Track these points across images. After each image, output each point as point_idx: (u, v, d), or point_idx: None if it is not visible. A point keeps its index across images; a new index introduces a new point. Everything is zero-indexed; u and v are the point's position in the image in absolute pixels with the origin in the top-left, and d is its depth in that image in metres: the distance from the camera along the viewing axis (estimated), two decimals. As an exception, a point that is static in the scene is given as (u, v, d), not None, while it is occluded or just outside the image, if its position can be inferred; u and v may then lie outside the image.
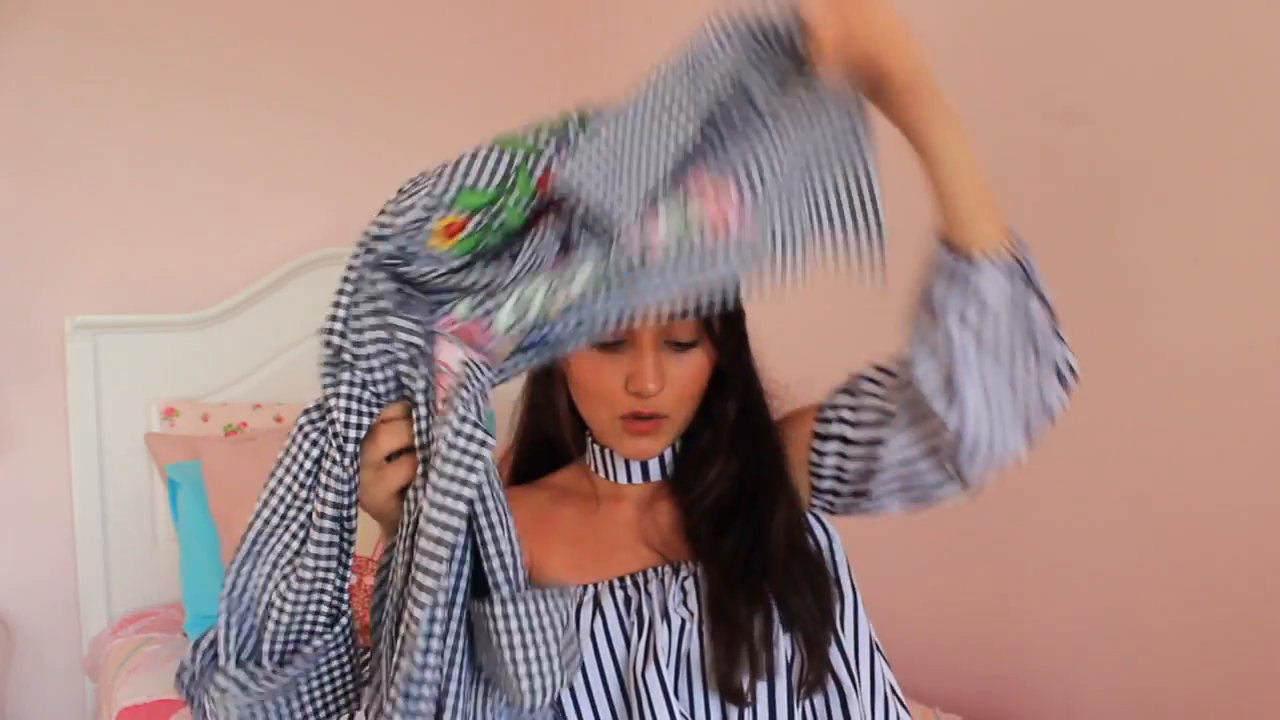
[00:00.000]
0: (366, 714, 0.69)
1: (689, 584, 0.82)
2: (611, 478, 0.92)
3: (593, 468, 0.93)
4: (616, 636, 0.81)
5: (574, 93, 2.45)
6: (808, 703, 0.78)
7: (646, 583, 0.84)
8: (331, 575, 0.67)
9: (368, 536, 1.50)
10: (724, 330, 0.84)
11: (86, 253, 1.80)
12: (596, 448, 0.92)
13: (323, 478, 0.66)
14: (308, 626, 0.67)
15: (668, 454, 0.91)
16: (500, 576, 0.63)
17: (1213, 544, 1.06)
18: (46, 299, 1.76)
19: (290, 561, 0.66)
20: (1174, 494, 1.09)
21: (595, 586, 0.84)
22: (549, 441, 0.95)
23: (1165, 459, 1.10)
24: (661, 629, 0.79)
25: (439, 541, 0.59)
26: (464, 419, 0.60)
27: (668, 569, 0.85)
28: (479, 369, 0.64)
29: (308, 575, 0.65)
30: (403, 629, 0.61)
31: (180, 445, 1.70)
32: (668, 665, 0.78)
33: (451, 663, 0.62)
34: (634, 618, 0.81)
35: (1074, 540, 1.20)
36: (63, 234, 1.78)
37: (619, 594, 0.83)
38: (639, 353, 0.81)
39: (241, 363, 1.86)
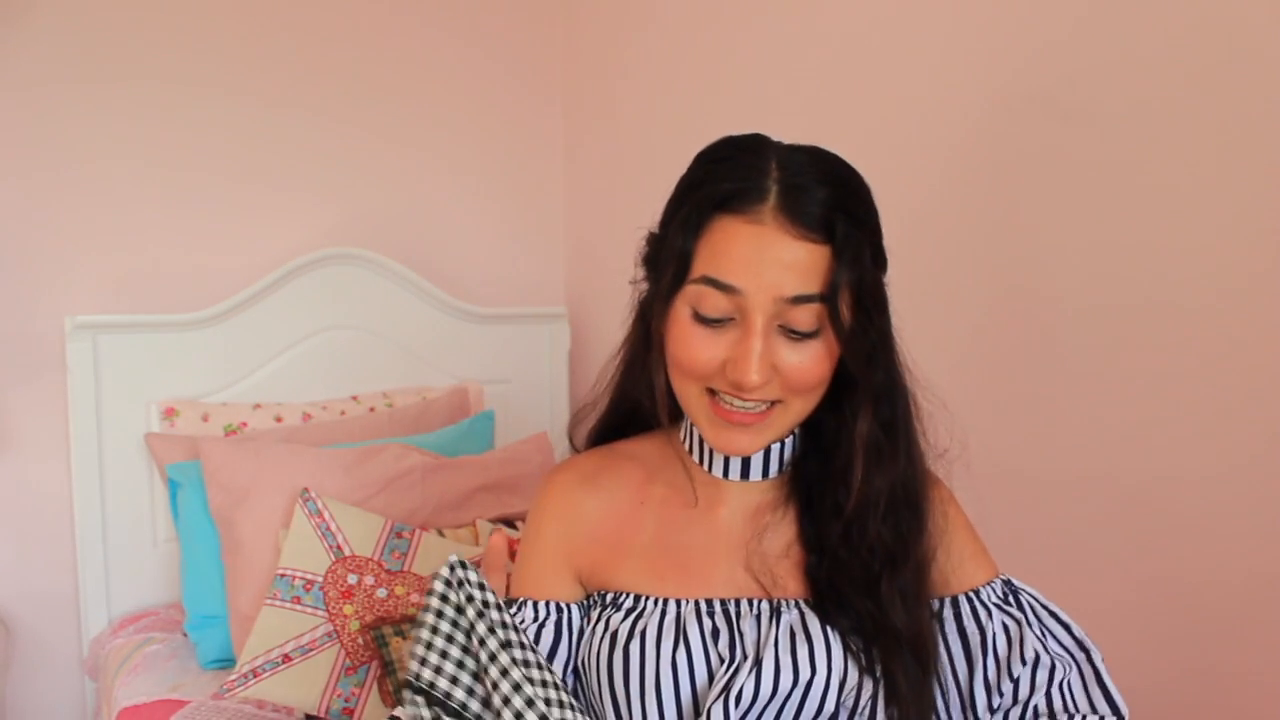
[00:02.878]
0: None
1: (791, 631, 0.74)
2: (707, 467, 0.80)
3: (686, 447, 0.82)
4: (700, 671, 0.73)
5: (572, 94, 2.45)
6: None
7: (739, 616, 0.75)
8: None
9: (368, 536, 1.50)
10: (855, 324, 0.71)
11: (86, 253, 1.80)
12: (695, 431, 0.79)
13: None
14: None
15: (787, 451, 0.79)
16: None
17: (1213, 542, 1.06)
18: (46, 299, 1.76)
19: None
20: (1175, 492, 1.09)
21: (679, 606, 0.76)
22: (640, 409, 0.84)
23: (1166, 457, 1.10)
24: (749, 679, 0.71)
25: None
26: None
27: (765, 606, 0.75)
28: None
29: None
30: None
31: (180, 445, 1.70)
32: (742, 712, 0.71)
33: None
34: (719, 653, 0.73)
35: (1073, 538, 1.20)
36: (63, 234, 1.78)
37: (705, 623, 0.75)
38: (745, 333, 0.69)
39: (241, 363, 1.86)
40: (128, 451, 1.75)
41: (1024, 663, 0.76)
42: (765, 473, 0.79)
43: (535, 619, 0.81)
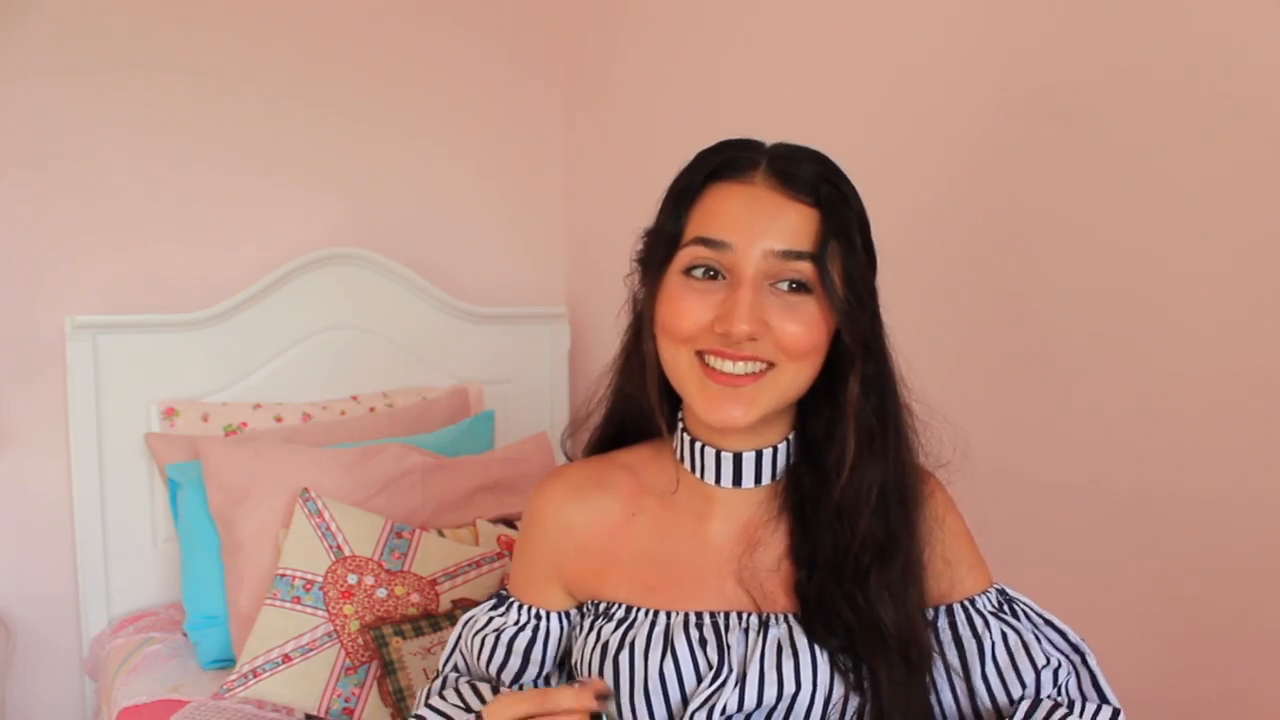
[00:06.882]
0: None
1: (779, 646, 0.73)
2: (699, 474, 0.79)
3: (678, 455, 0.81)
4: (689, 682, 0.73)
5: (573, 93, 2.45)
6: None
7: (727, 629, 0.75)
8: None
9: (368, 536, 1.50)
10: (848, 292, 0.71)
11: (86, 253, 1.80)
12: (687, 437, 0.79)
13: None
14: None
15: (780, 459, 0.78)
16: None
17: (1214, 543, 1.06)
18: (46, 299, 1.76)
19: None
20: (1174, 492, 1.09)
21: (668, 619, 0.76)
22: (634, 417, 0.83)
23: (1165, 457, 1.10)
24: (733, 694, 0.71)
25: None
26: None
27: (754, 619, 0.75)
28: None
29: None
30: None
31: (180, 445, 1.70)
32: None
33: None
34: (707, 658, 0.73)
35: (1073, 538, 1.20)
36: (63, 234, 1.77)
37: (693, 633, 0.74)
38: (735, 285, 0.69)
39: (241, 363, 1.86)
40: (128, 451, 1.75)
41: (1035, 669, 0.75)
42: (758, 479, 0.78)
43: (517, 623, 0.84)
